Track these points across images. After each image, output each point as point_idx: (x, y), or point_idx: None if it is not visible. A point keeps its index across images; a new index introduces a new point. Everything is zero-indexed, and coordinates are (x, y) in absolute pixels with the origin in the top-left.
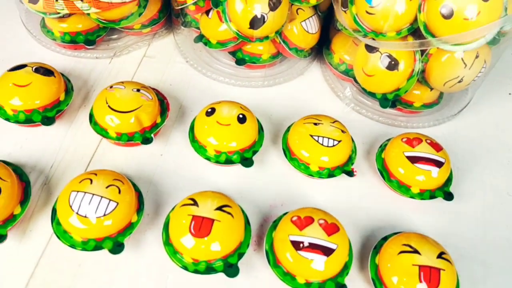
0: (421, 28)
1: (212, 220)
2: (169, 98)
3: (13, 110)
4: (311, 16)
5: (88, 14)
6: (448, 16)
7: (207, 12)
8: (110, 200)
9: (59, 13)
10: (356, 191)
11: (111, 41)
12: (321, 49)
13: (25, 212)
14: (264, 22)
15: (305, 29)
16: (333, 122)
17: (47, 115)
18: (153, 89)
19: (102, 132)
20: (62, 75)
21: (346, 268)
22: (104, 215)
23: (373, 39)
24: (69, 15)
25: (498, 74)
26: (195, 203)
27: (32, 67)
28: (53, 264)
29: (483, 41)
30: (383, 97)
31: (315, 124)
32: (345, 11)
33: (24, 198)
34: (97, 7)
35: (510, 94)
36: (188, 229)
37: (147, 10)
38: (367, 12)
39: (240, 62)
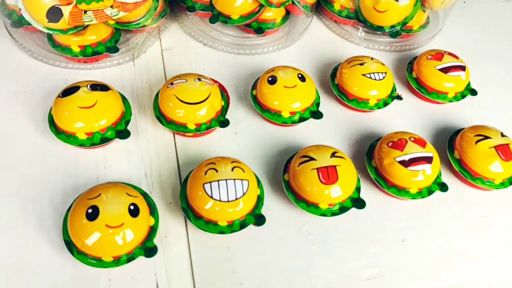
0: None
1: (335, 166)
2: None
3: (87, 133)
4: None
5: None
6: None
7: None
8: (242, 180)
9: (77, 27)
10: (404, 111)
11: (122, 44)
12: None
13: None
14: None
15: None
16: (372, 59)
17: (119, 129)
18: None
19: (179, 128)
20: None
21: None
22: (244, 194)
23: None
24: (85, 27)
25: None
26: (310, 159)
27: (87, 86)
28: (206, 256)
29: None
30: (391, 28)
31: (361, 64)
32: None
33: (151, 209)
34: (124, 10)
35: (464, 2)
36: (318, 180)
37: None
38: None
39: (258, 31)
